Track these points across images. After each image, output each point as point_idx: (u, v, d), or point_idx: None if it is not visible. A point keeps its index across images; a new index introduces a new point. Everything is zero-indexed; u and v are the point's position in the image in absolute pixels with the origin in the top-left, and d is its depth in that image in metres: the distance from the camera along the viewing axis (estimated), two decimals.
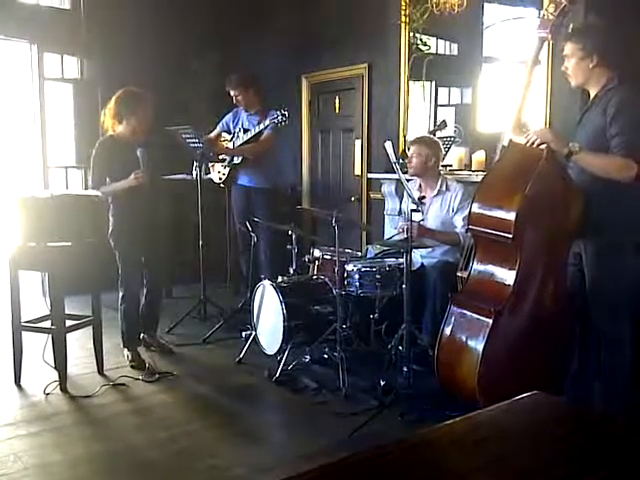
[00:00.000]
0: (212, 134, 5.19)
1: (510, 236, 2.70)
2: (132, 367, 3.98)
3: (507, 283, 2.81)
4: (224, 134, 5.19)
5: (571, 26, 2.73)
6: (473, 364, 2.80)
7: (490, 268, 2.92)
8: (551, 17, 2.72)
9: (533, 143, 2.74)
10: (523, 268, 2.77)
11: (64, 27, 5.71)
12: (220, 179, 5.16)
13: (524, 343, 2.86)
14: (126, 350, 4.12)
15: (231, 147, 5.02)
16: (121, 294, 4.06)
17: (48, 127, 5.81)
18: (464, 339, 2.90)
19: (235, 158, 4.99)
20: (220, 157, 5.09)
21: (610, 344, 2.87)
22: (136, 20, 5.84)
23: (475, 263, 2.99)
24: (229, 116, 5.19)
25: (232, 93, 4.98)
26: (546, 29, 2.73)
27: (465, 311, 2.92)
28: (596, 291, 2.84)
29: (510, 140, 2.91)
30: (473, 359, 2.81)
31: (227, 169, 5.07)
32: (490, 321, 2.76)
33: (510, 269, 2.81)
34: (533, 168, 2.71)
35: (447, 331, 2.99)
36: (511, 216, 2.69)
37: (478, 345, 2.80)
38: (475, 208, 2.90)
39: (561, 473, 1.14)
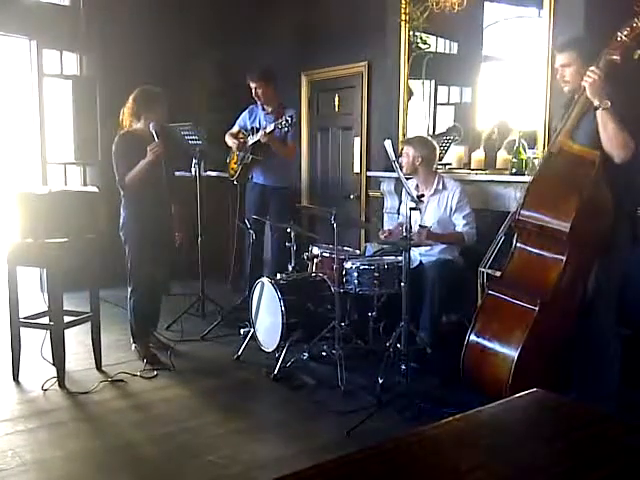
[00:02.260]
0: (232, 130, 5.18)
1: (567, 231, 2.78)
2: (146, 362, 3.96)
3: (552, 278, 2.88)
4: (243, 131, 5.18)
5: (638, 52, 2.77)
6: (510, 355, 2.83)
7: (536, 262, 3.00)
8: (624, 39, 2.75)
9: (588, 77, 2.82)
10: (569, 265, 2.86)
11: (63, 23, 5.70)
12: (232, 175, 5.16)
13: (555, 340, 2.92)
14: (134, 345, 4.14)
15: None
16: (130, 288, 4.07)
17: (47, 123, 5.79)
18: (503, 327, 2.95)
19: (247, 157, 4.99)
20: (238, 153, 5.08)
21: (601, 341, 2.93)
22: (136, 17, 5.84)
23: (518, 255, 3.07)
24: (245, 114, 5.17)
25: (252, 85, 4.94)
26: (617, 51, 2.77)
27: (506, 297, 2.98)
28: (596, 283, 2.93)
29: (561, 147, 2.96)
30: (511, 349, 2.85)
31: (240, 166, 5.06)
32: (536, 309, 2.83)
33: (557, 265, 2.89)
34: (589, 174, 2.81)
35: (482, 317, 3.04)
36: (570, 215, 2.78)
37: (519, 335, 2.84)
38: (530, 204, 2.97)
39: (560, 471, 1.15)
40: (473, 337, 3.03)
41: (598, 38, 2.98)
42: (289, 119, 4.61)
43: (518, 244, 3.08)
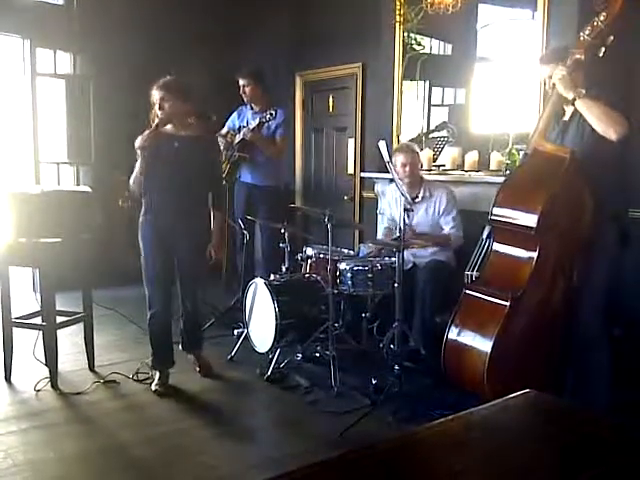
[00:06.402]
0: (222, 131, 5.19)
1: (534, 225, 2.80)
2: (158, 394, 3.54)
3: (524, 274, 2.91)
4: (231, 132, 5.18)
5: (602, 50, 2.78)
6: (484, 350, 2.86)
7: (508, 259, 3.03)
8: (587, 38, 2.76)
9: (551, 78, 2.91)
10: (540, 261, 2.88)
11: (57, 22, 5.69)
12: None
13: (532, 336, 2.93)
14: (152, 370, 3.73)
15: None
16: (148, 315, 3.64)
17: (40, 123, 5.77)
18: (477, 323, 2.97)
19: (233, 155, 4.99)
20: (226, 152, 5.08)
21: (590, 341, 2.94)
22: (129, 16, 5.82)
23: (493, 254, 3.10)
24: (234, 115, 5.18)
25: (241, 83, 4.95)
26: (581, 50, 2.79)
27: (481, 295, 3.01)
28: (583, 282, 2.94)
29: (535, 147, 2.98)
30: (484, 344, 2.87)
31: (227, 165, 5.06)
32: (507, 304, 2.85)
33: (528, 261, 2.91)
34: (558, 170, 2.83)
35: (459, 316, 3.06)
36: (537, 210, 2.80)
37: (491, 330, 2.86)
38: (500, 202, 3.01)
39: (552, 472, 1.15)
40: (451, 336, 3.05)
41: None
42: (273, 112, 4.64)
43: (494, 243, 3.12)
